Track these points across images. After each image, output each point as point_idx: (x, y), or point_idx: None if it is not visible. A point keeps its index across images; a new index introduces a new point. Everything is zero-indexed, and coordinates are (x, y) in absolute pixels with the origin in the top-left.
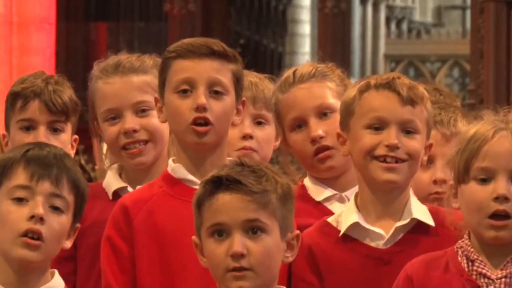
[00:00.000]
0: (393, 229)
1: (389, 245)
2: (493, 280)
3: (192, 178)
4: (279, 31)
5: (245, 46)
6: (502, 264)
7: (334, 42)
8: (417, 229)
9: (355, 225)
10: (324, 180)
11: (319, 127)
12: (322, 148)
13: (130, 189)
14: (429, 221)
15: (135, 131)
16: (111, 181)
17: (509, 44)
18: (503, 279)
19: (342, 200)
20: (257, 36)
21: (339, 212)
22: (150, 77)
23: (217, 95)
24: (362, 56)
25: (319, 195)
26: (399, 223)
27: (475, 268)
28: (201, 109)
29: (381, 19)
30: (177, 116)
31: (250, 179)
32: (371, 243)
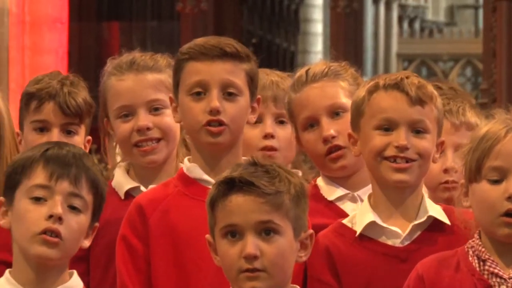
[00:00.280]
0: (410, 227)
1: (406, 243)
2: (505, 279)
3: (207, 178)
4: (291, 30)
5: (258, 45)
6: None
7: (346, 41)
8: (433, 227)
9: (371, 224)
10: (336, 179)
11: (331, 126)
12: (334, 147)
13: (143, 188)
14: (445, 219)
15: (148, 128)
16: (122, 181)
17: None
18: None
19: (354, 199)
20: (269, 35)
21: (352, 213)
22: (164, 76)
23: (231, 96)
24: (374, 55)
25: (331, 194)
26: (416, 221)
27: (486, 267)
28: (214, 112)
29: (393, 18)
30: (191, 118)
31: (263, 181)
32: (388, 241)
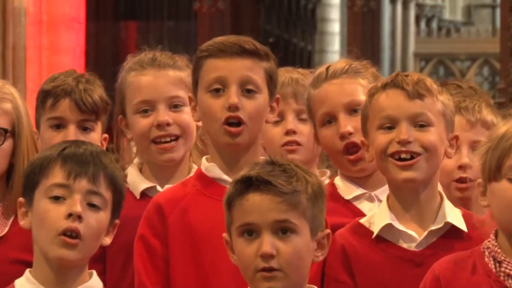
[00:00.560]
0: (426, 232)
1: (422, 248)
2: None
3: (226, 177)
4: (308, 30)
5: (275, 44)
6: None
7: (363, 40)
8: (450, 233)
9: (388, 226)
10: (354, 178)
11: (348, 123)
12: (350, 144)
13: (159, 188)
14: (462, 226)
15: (168, 124)
16: (137, 180)
17: None
18: None
19: (371, 199)
20: (286, 34)
21: (370, 213)
22: (184, 74)
23: (250, 93)
24: (391, 54)
25: (348, 193)
26: (433, 227)
27: (502, 269)
28: (233, 108)
29: (411, 17)
30: (210, 115)
31: (280, 180)
32: (403, 245)
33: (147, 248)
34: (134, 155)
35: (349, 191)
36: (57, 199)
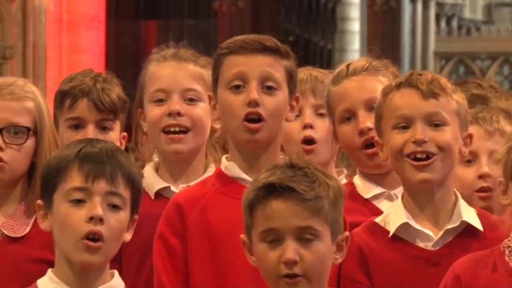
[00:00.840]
0: (442, 231)
1: (438, 247)
2: None
3: (245, 176)
4: (328, 29)
5: (295, 43)
6: None
7: (383, 39)
8: (466, 232)
9: (404, 226)
10: (373, 177)
11: (367, 119)
12: (370, 139)
13: (173, 188)
14: (478, 225)
15: (179, 114)
16: (152, 180)
17: None
18: None
19: (390, 198)
20: (306, 33)
21: (385, 212)
22: (205, 72)
23: (270, 90)
24: (411, 53)
25: (367, 192)
26: (449, 226)
27: None
28: (253, 104)
29: (431, 16)
30: (230, 112)
31: (302, 185)
32: (420, 244)
33: (166, 247)
34: (152, 152)
35: (368, 190)
36: (77, 203)
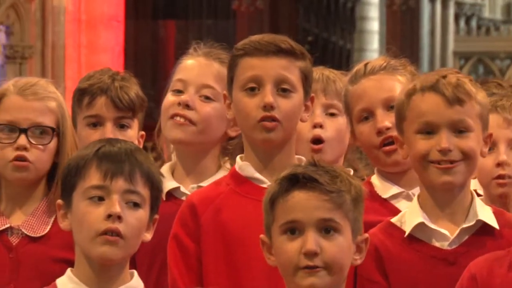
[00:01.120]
0: (458, 230)
1: (454, 246)
2: None
3: (259, 176)
4: (347, 28)
5: (313, 43)
6: None
7: (402, 39)
8: (482, 231)
9: (420, 225)
10: (391, 176)
11: (386, 118)
12: (388, 138)
13: (183, 189)
14: (494, 223)
15: (188, 106)
16: (164, 181)
17: None
18: None
19: (409, 197)
20: (325, 33)
21: (401, 212)
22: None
23: (285, 92)
24: (431, 53)
25: (386, 192)
26: (465, 225)
27: None
28: (268, 107)
29: (450, 16)
30: (245, 114)
31: (326, 178)
32: (436, 244)
33: (180, 247)
34: (172, 152)
35: (386, 190)
36: (95, 200)
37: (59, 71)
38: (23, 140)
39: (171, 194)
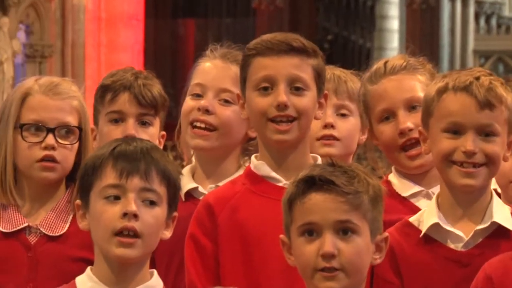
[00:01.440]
0: (472, 232)
1: (469, 248)
2: None
3: (275, 175)
4: (367, 27)
5: (333, 41)
6: None
7: (422, 37)
8: (497, 232)
9: (436, 226)
10: (410, 175)
11: (408, 119)
12: (410, 140)
13: (201, 189)
14: (509, 225)
15: (208, 111)
16: (184, 182)
17: None
18: None
19: (429, 196)
20: (345, 32)
21: (420, 211)
22: None
23: (298, 91)
24: (451, 51)
25: (405, 190)
26: (479, 227)
27: None
28: (282, 106)
29: (470, 14)
30: (259, 113)
31: (342, 180)
32: (451, 245)
33: (197, 247)
34: (192, 154)
35: (405, 188)
36: (111, 199)
37: (79, 70)
38: (51, 139)
39: (190, 194)
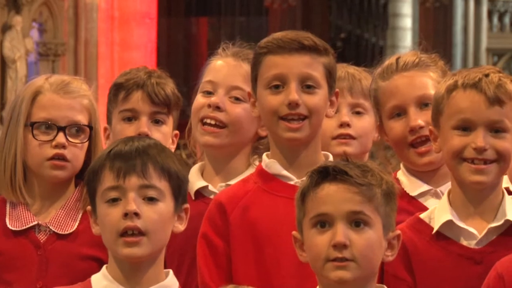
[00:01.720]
0: (486, 230)
1: (482, 245)
2: None
3: (287, 173)
4: (380, 25)
5: (346, 40)
6: None
7: (435, 35)
8: (510, 230)
9: (448, 223)
10: (418, 173)
11: (419, 117)
12: (420, 137)
13: (211, 187)
14: None
15: (218, 108)
16: (193, 181)
17: None
18: None
19: (437, 195)
20: (358, 30)
21: (431, 208)
22: None
23: (310, 89)
24: (464, 50)
25: (413, 189)
26: (493, 224)
27: None
28: (293, 105)
29: (483, 12)
30: (270, 111)
31: (356, 172)
32: (463, 242)
33: (210, 246)
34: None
35: (414, 187)
36: (113, 202)
37: (91, 68)
38: (62, 138)
39: (199, 193)
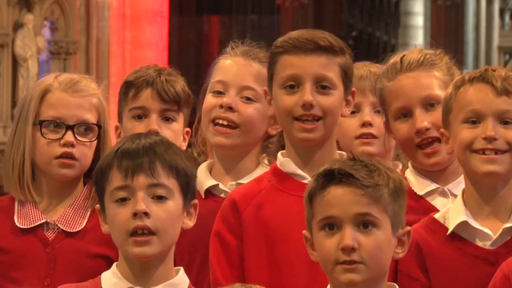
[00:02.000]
0: (500, 230)
1: (496, 246)
2: None
3: (301, 172)
4: (391, 23)
5: (358, 38)
6: None
7: (447, 34)
8: None
9: (463, 224)
10: (426, 172)
11: (424, 118)
12: (427, 139)
13: (221, 186)
14: None
15: (231, 108)
16: (203, 179)
17: None
18: None
19: (444, 194)
20: (369, 28)
21: (445, 207)
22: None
23: (325, 89)
24: (475, 48)
25: (421, 189)
26: (507, 225)
27: None
28: (307, 106)
29: (495, 11)
30: (285, 111)
31: (362, 173)
32: (479, 243)
33: (222, 244)
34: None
35: (421, 186)
36: (122, 201)
37: (103, 67)
38: (70, 136)
39: (209, 191)
